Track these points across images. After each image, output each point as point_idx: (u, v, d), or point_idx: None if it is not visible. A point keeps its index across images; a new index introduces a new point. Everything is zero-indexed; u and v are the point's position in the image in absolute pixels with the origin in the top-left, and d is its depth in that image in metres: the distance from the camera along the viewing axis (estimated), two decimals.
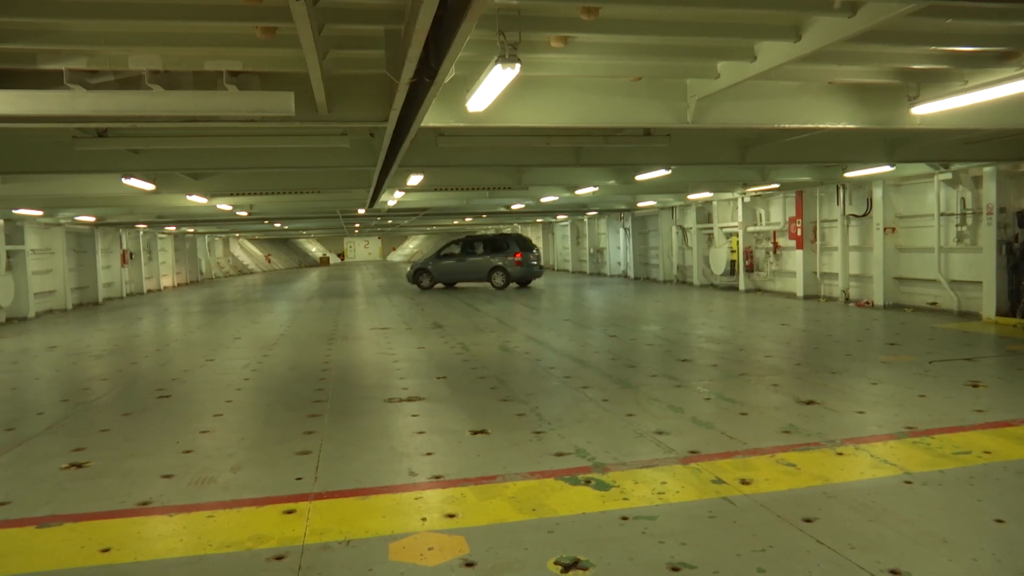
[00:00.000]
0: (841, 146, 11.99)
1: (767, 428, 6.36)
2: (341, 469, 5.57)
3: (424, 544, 4.16)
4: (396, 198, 17.90)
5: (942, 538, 4.06)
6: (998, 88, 6.73)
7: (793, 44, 5.85)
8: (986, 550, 3.91)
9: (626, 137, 10.30)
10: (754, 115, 7.85)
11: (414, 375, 9.36)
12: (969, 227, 14.13)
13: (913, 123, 8.21)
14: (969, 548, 3.94)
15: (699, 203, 23.45)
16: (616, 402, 7.47)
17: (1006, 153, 12.21)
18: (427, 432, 6.58)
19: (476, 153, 11.02)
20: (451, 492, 5.00)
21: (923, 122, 8.20)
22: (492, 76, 5.43)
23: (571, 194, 18.51)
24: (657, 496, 4.81)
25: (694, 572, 3.72)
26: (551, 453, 5.79)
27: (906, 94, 7.83)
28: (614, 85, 7.48)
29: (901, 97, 7.93)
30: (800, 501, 4.64)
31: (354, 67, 6.53)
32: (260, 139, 9.49)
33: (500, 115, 7.19)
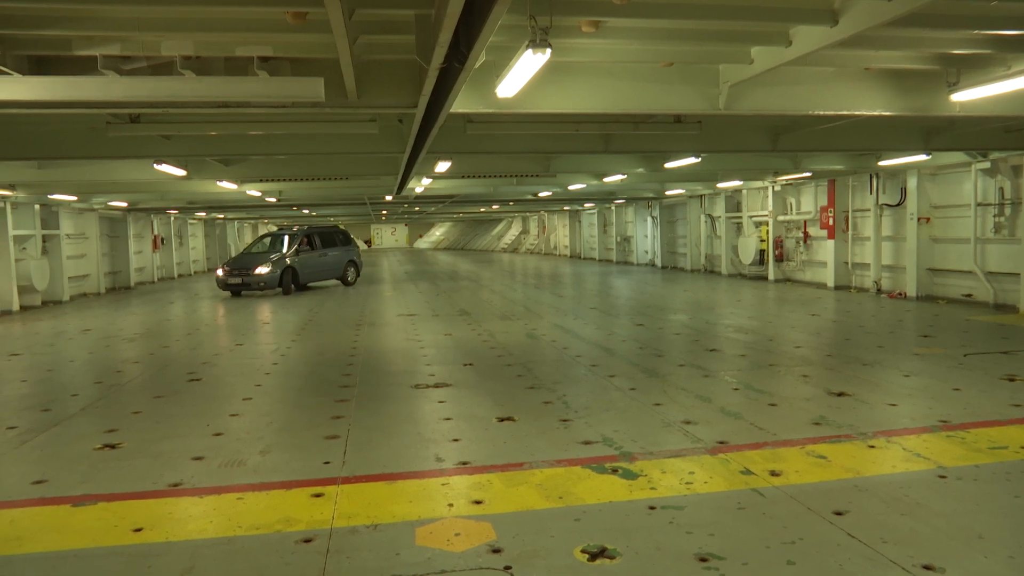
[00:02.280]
0: (876, 134, 11.76)
1: (797, 419, 6.29)
2: (368, 454, 5.60)
3: (451, 530, 4.17)
4: (424, 185, 17.93)
5: (977, 534, 3.98)
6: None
7: (830, 28, 5.72)
8: (1023, 546, 3.83)
9: (656, 124, 10.18)
10: (787, 101, 7.71)
11: (441, 361, 9.38)
12: (1007, 218, 13.80)
13: (952, 110, 8.02)
14: (1005, 544, 3.86)
15: (728, 191, 23.19)
16: (643, 391, 7.42)
17: None
18: (454, 418, 6.59)
19: (504, 140, 10.97)
20: (478, 478, 5.01)
21: (962, 109, 8.01)
22: (523, 61, 5.39)
23: (599, 182, 18.40)
24: (685, 486, 4.77)
25: (722, 563, 3.69)
26: (578, 441, 5.77)
27: (945, 80, 7.64)
28: (645, 71, 7.40)
29: (940, 83, 7.75)
30: (831, 494, 4.58)
31: (384, 52, 6.52)
32: (290, 125, 9.53)
33: (530, 101, 7.15)
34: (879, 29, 5.59)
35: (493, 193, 23.01)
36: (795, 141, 11.56)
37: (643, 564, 3.72)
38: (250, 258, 20.83)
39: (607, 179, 17.69)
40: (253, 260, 20.42)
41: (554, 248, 45.39)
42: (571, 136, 11.00)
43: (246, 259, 20.81)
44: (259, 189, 18.22)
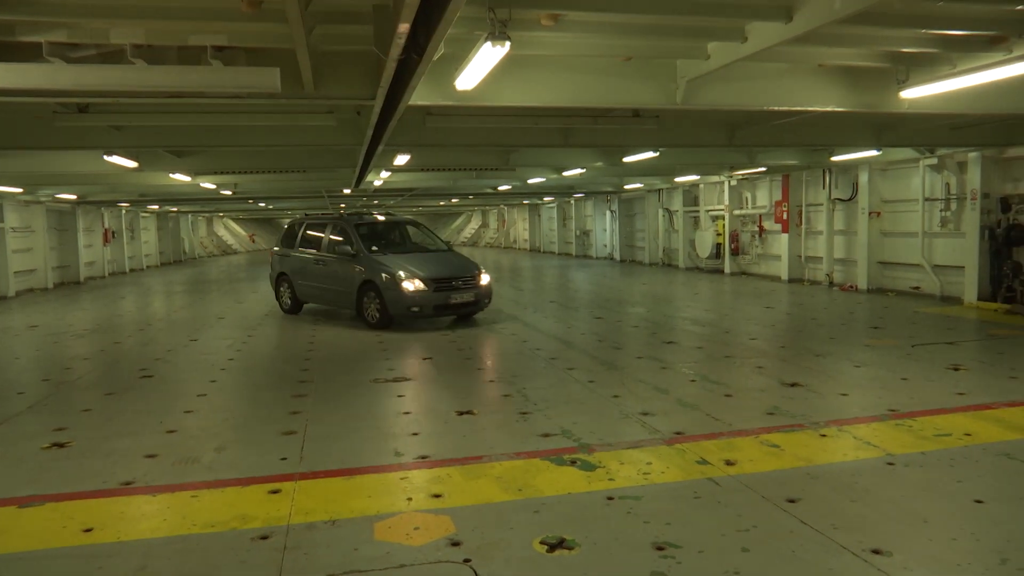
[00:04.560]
0: (829, 129, 11.99)
1: (752, 410, 6.40)
2: (327, 449, 5.55)
3: (410, 524, 4.16)
4: (382, 178, 17.76)
5: (923, 518, 4.11)
6: (987, 73, 6.73)
7: (784, 25, 5.81)
8: (965, 530, 3.96)
9: (615, 118, 10.25)
10: (743, 97, 7.82)
11: (399, 355, 9.33)
12: (953, 212, 14.22)
13: (901, 107, 8.21)
14: (949, 528, 3.99)
15: (686, 186, 23.45)
16: (602, 383, 7.48)
17: (991, 139, 12.27)
18: (413, 412, 6.57)
19: (464, 133, 10.93)
20: (437, 472, 5.00)
21: (911, 106, 8.21)
22: (481, 54, 5.37)
23: (558, 175, 18.45)
24: (642, 476, 4.82)
25: (679, 551, 3.75)
26: (537, 434, 5.80)
27: (895, 78, 7.82)
28: (604, 65, 7.43)
29: (890, 81, 7.92)
30: (784, 482, 4.68)
31: (342, 43, 6.44)
32: (245, 116, 9.37)
33: (489, 94, 7.12)
34: (832, 26, 5.69)
35: (452, 186, 22.91)
36: (750, 136, 11.74)
37: (601, 554, 3.75)
38: (448, 260, 12.45)
39: (566, 173, 17.74)
40: (459, 264, 12.33)
41: (514, 242, 45.44)
42: (530, 130, 11.01)
43: (444, 262, 12.27)
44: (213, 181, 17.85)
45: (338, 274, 12.29)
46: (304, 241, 13.48)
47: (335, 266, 12.40)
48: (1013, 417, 6.04)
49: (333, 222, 13.09)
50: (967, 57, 7.16)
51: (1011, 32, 6.36)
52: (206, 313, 14.65)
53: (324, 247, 12.84)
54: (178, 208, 33.68)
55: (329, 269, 12.57)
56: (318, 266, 12.87)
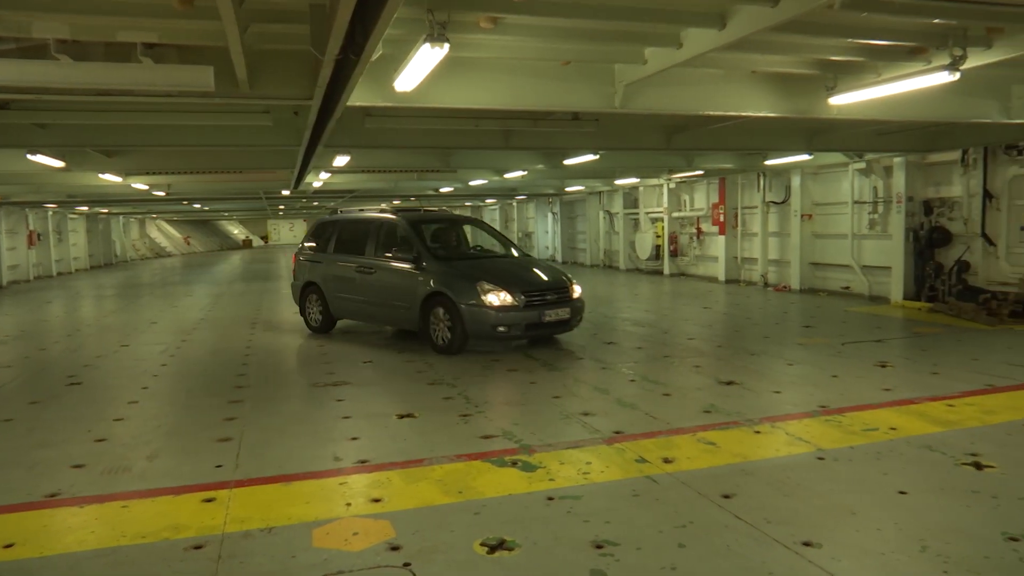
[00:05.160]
0: (763, 134, 12.30)
1: (689, 408, 6.52)
2: (263, 455, 5.44)
3: (349, 529, 4.11)
4: (322, 179, 17.52)
5: (851, 510, 4.25)
6: (908, 82, 7.02)
7: (718, 32, 5.94)
8: (889, 520, 4.12)
9: (555, 121, 10.32)
10: (680, 102, 7.96)
11: (339, 359, 9.22)
12: (880, 215, 14.76)
13: (830, 113, 8.49)
14: (874, 519, 4.14)
15: (626, 188, 23.76)
16: (543, 384, 7.52)
17: (915, 145, 12.78)
18: (353, 417, 6.49)
19: (404, 134, 10.85)
20: (377, 476, 4.95)
21: (839, 112, 8.49)
22: (420, 55, 5.35)
23: (500, 178, 18.49)
24: (582, 476, 4.87)
25: (617, 549, 3.79)
26: (478, 436, 5.80)
27: (824, 85, 8.07)
28: (544, 68, 7.47)
29: (820, 88, 8.17)
30: (719, 478, 4.78)
31: (277, 42, 6.33)
32: (178, 115, 9.11)
33: (429, 96, 7.09)
34: (764, 34, 5.85)
35: (394, 188, 22.72)
36: (688, 140, 11.96)
37: (541, 554, 3.77)
38: (533, 269, 10.22)
39: (508, 175, 17.80)
40: (548, 273, 10.08)
41: None
42: (471, 132, 11.01)
43: (530, 270, 10.12)
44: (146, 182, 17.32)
45: (392, 285, 9.98)
46: (341, 244, 11.16)
47: (388, 275, 10.08)
48: (935, 411, 6.30)
49: (383, 220, 10.73)
50: (891, 66, 7.44)
51: (930, 44, 6.64)
52: (138, 318, 14.21)
53: (371, 251, 10.51)
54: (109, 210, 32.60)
55: (378, 279, 10.22)
56: (363, 275, 10.47)
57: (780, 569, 3.58)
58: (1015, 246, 12.36)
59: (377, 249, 10.46)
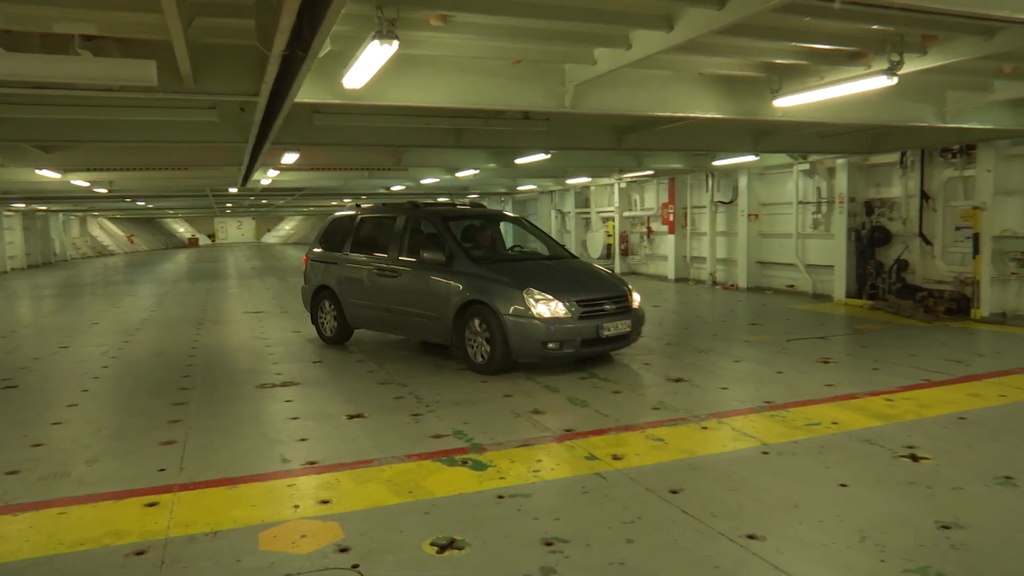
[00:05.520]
0: (711, 135, 12.50)
1: (638, 405, 6.60)
2: (209, 458, 5.34)
3: (296, 532, 4.06)
4: (270, 177, 17.25)
5: (794, 503, 4.36)
6: (849, 85, 7.21)
7: (666, 34, 6.02)
8: (831, 512, 4.23)
9: (506, 120, 10.33)
10: (629, 102, 8.05)
11: (289, 360, 9.09)
12: (824, 215, 15.15)
13: (775, 115, 8.67)
14: (816, 511, 4.24)
15: (577, 188, 23.93)
16: (494, 383, 7.53)
17: (856, 147, 13.14)
18: (301, 417, 6.41)
19: (354, 132, 10.75)
20: (326, 478, 4.90)
21: (784, 114, 8.68)
22: (369, 52, 5.30)
23: (452, 176, 18.46)
24: (533, 474, 4.89)
25: (567, 546, 3.82)
26: (429, 435, 5.78)
27: (769, 87, 8.23)
28: (494, 67, 7.47)
29: (765, 90, 8.34)
30: (667, 474, 4.85)
31: (223, 36, 6.19)
32: (120, 110, 8.86)
33: (378, 93, 7.04)
34: (710, 37, 5.94)
35: (344, 186, 22.47)
36: (638, 140, 12.10)
37: (491, 552, 3.78)
38: (585, 273, 8.96)
39: (459, 174, 17.78)
40: (602, 279, 8.81)
41: None
42: (422, 130, 10.95)
43: (581, 275, 8.79)
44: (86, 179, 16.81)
45: (420, 292, 8.66)
46: (359, 242, 9.85)
47: (414, 280, 8.76)
48: (875, 406, 6.50)
49: (408, 214, 9.42)
50: (832, 70, 7.63)
51: (869, 49, 6.83)
52: (78, 318, 13.79)
53: (395, 251, 9.17)
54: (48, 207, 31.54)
55: (403, 284, 8.91)
56: (384, 279, 9.18)
57: (726, 562, 3.65)
58: (950, 246, 12.81)
59: (402, 249, 9.11)
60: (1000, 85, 8.82)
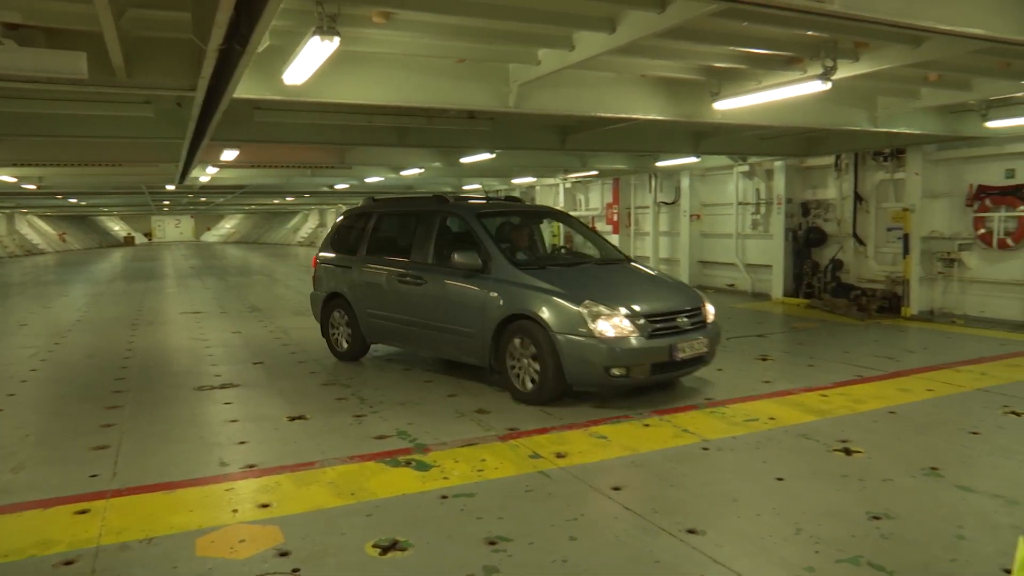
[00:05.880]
0: (653, 137, 12.68)
1: (582, 404, 6.64)
2: (144, 463, 5.18)
3: (235, 536, 3.97)
4: (210, 174, 16.83)
5: (732, 498, 4.45)
6: (785, 89, 7.39)
7: (608, 36, 6.07)
8: (767, 506, 4.33)
9: (451, 119, 10.30)
10: (573, 103, 8.10)
11: (228, 361, 8.89)
12: (762, 216, 15.53)
13: (715, 117, 8.84)
14: (754, 505, 4.34)
15: (523, 187, 24.00)
16: (439, 383, 7.50)
17: (793, 149, 13.49)
18: (241, 420, 6.28)
19: (296, 129, 10.56)
20: (265, 481, 4.81)
21: (723, 117, 8.85)
22: (309, 48, 5.21)
23: (396, 175, 18.30)
24: (476, 473, 4.89)
25: (510, 544, 3.83)
26: (372, 436, 5.72)
27: (709, 90, 8.39)
28: (438, 66, 7.44)
29: (705, 93, 8.49)
30: (610, 471, 4.90)
31: (158, 29, 6.02)
32: (48, 103, 8.52)
33: (320, 90, 6.93)
34: (651, 39, 6.02)
35: (287, 184, 22.09)
36: (582, 141, 12.19)
37: (434, 552, 3.76)
38: (648, 282, 7.58)
39: (404, 172, 17.64)
40: (670, 288, 7.49)
41: None
42: (365, 128, 10.83)
43: (644, 284, 7.49)
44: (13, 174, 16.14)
45: (451, 302, 7.35)
46: (377, 243, 8.64)
47: (443, 288, 7.45)
48: (810, 401, 6.68)
49: (434, 210, 8.07)
50: (770, 74, 7.81)
51: (805, 54, 7.01)
52: (5, 320, 13.24)
53: (420, 254, 7.86)
54: None
55: (430, 293, 7.59)
56: (407, 286, 7.85)
57: (666, 557, 3.70)
58: (882, 246, 13.26)
59: (427, 251, 7.79)
60: (927, 92, 9.17)
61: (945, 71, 8.15)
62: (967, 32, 5.11)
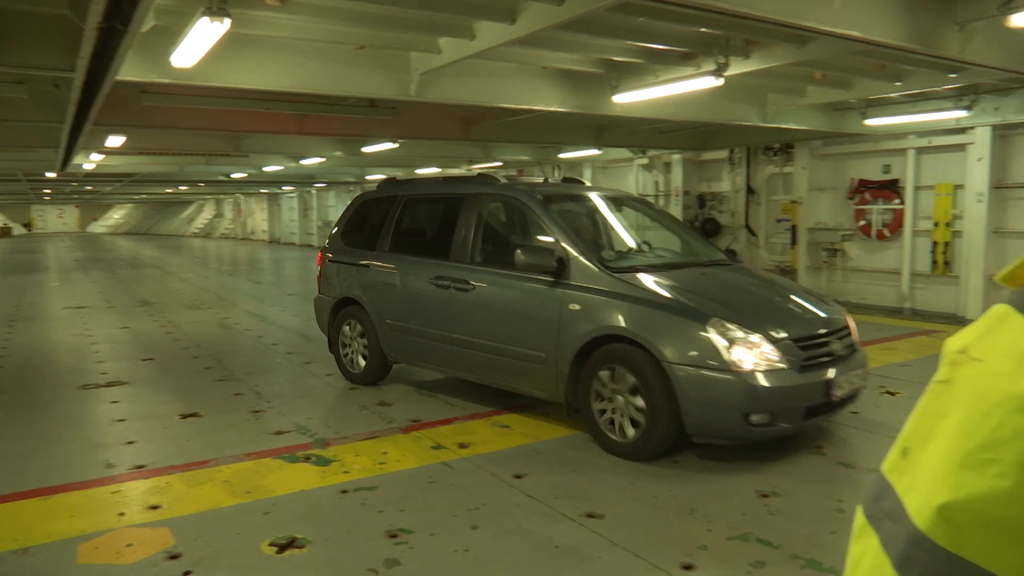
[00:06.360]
0: (555, 128, 12.82)
1: (485, 393, 6.65)
2: (20, 468, 4.87)
3: (121, 541, 3.78)
4: (94, 161, 15.92)
5: (631, 481, 4.56)
6: (680, 84, 7.61)
7: (509, 26, 6.09)
8: (664, 488, 4.46)
9: (351, 107, 10.10)
10: (475, 93, 8.09)
11: (116, 358, 8.45)
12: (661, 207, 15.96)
13: (614, 110, 9.01)
14: (651, 488, 4.46)
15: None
16: (340, 376, 7.35)
17: (689, 143, 13.93)
18: (129, 419, 5.98)
19: (188, 115, 10.12)
20: (155, 482, 4.60)
21: (622, 110, 9.04)
22: (198, 29, 4.99)
23: (296, 164, 17.82)
24: (378, 467, 4.83)
25: (412, 536, 3.80)
26: (270, 432, 5.57)
27: (608, 83, 8.55)
28: (337, 52, 7.27)
29: (604, 86, 8.65)
30: (512, 459, 4.94)
31: (31, 3, 5.63)
32: None
33: (213, 74, 6.67)
34: (552, 31, 6.08)
35: (180, 172, 21.13)
36: (485, 131, 12.20)
37: (333, 548, 3.70)
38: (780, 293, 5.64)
39: (304, 161, 17.20)
40: (804, 298, 5.58)
41: (251, 233, 43.14)
42: (262, 115, 10.49)
43: (772, 293, 5.66)
44: None
45: (510, 315, 5.71)
46: (404, 236, 6.90)
47: (499, 296, 5.81)
48: None
49: (481, 194, 6.30)
50: (667, 69, 8.03)
51: (699, 51, 7.24)
52: None
53: (462, 250, 6.12)
54: None
55: (481, 302, 5.89)
56: (447, 292, 6.08)
57: (566, 541, 3.77)
58: (772, 236, 13.88)
59: (474, 248, 6.05)
60: (813, 90, 9.64)
61: (829, 71, 8.59)
62: (846, 34, 5.40)
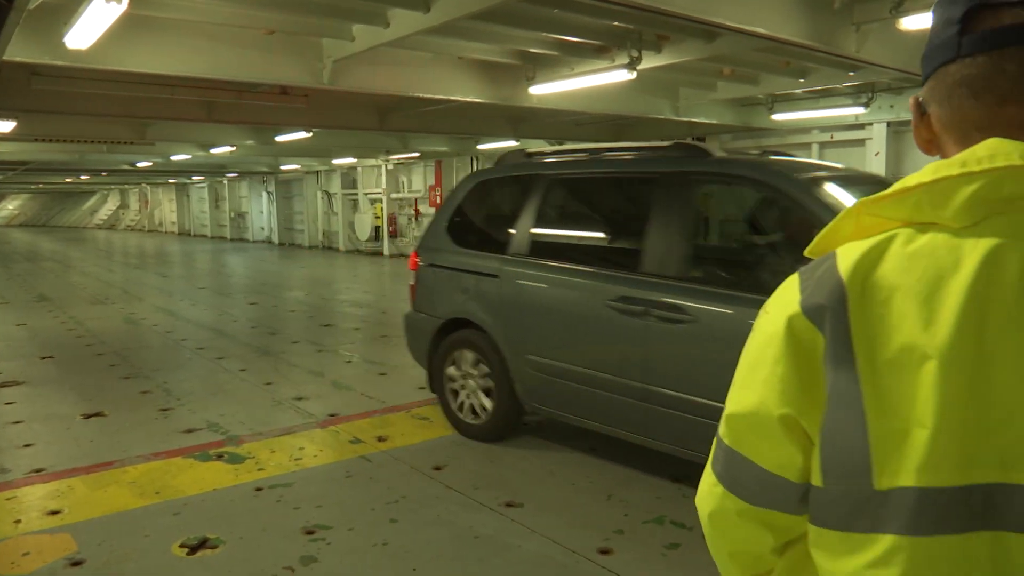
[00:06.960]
0: (473, 119, 12.81)
1: (404, 386, 6.62)
2: None
3: (18, 550, 3.59)
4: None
5: (550, 471, 4.61)
6: (595, 76, 7.72)
7: (423, 15, 6.03)
8: (582, 475, 4.53)
9: (262, 95, 9.80)
10: (390, 82, 8.00)
11: (11, 356, 7.99)
12: None
13: (531, 102, 9.07)
14: (568, 476, 4.53)
15: (344, 169, 23.42)
16: (254, 371, 7.18)
17: (606, 136, 14.15)
18: (27, 420, 5.67)
19: (86, 100, 9.60)
20: (55, 486, 4.38)
21: (539, 102, 9.10)
22: (93, 8, 4.74)
23: (206, 153, 17.21)
24: (294, 463, 4.74)
25: (329, 532, 3.75)
26: (180, 430, 5.37)
27: (525, 75, 8.59)
28: (246, 37, 7.05)
29: (521, 77, 8.68)
30: (432, 451, 4.93)
31: None
32: None
33: (112, 57, 6.36)
34: (467, 21, 6.06)
35: (80, 161, 20.11)
36: (401, 121, 12.07)
37: (247, 548, 3.60)
38: None
39: (214, 150, 16.62)
40: None
41: (159, 224, 41.46)
42: (168, 100, 10.06)
43: None
44: None
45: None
46: (552, 234, 4.97)
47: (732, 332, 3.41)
48: None
49: (689, 173, 4.22)
50: (582, 62, 8.12)
51: (613, 44, 7.35)
52: None
53: (661, 259, 4.11)
54: None
55: (702, 336, 3.80)
56: (637, 321, 4.04)
57: (486, 530, 3.78)
58: None
59: (687, 254, 4.14)
60: (722, 86, 9.94)
61: (737, 67, 8.87)
62: (752, 30, 5.58)
